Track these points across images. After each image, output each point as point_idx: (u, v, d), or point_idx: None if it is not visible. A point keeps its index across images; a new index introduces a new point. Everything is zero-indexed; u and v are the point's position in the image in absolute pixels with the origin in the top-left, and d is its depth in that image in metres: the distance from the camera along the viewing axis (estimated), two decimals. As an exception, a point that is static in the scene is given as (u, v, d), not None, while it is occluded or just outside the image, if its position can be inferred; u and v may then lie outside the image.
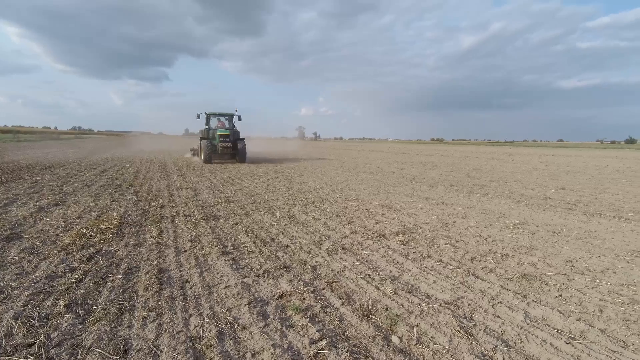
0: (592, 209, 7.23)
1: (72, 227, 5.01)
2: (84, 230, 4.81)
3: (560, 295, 3.28)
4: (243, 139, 18.43)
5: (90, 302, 2.99)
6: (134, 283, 3.38)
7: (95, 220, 5.45)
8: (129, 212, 6.20)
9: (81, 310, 2.84)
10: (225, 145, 17.07)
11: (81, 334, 2.53)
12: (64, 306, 2.87)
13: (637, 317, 2.91)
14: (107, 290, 3.21)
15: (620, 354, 2.42)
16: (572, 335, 2.63)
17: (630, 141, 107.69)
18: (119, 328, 2.62)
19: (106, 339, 2.48)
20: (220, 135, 17.16)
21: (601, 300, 3.21)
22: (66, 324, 2.64)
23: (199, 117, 17.99)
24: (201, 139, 17.88)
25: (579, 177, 13.31)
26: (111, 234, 4.82)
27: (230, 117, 18.98)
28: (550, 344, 2.52)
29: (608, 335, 2.63)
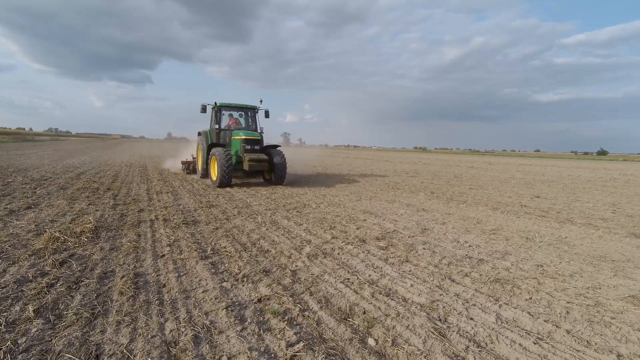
0: (563, 217, 7.54)
1: (45, 231, 4.84)
2: (57, 234, 4.66)
3: (530, 298, 3.41)
4: (278, 147, 11.90)
5: (62, 307, 2.90)
6: (109, 287, 3.31)
7: (70, 223, 5.29)
8: (106, 215, 6.04)
9: (52, 315, 2.76)
10: (258, 158, 10.33)
11: (51, 339, 2.45)
12: (34, 311, 2.78)
13: (600, 318, 3.06)
14: (80, 294, 3.13)
15: (584, 353, 2.53)
16: (540, 336, 2.74)
17: (602, 153, 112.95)
18: (91, 333, 2.56)
19: (77, 344, 2.42)
20: (246, 140, 10.75)
21: (568, 302, 3.35)
22: (35, 329, 2.55)
23: (204, 109, 11.47)
24: (211, 145, 11.04)
25: (553, 186, 13.84)
26: (86, 238, 4.69)
27: (252, 111, 12.34)
28: (519, 344, 2.61)
29: (573, 336, 2.75)
